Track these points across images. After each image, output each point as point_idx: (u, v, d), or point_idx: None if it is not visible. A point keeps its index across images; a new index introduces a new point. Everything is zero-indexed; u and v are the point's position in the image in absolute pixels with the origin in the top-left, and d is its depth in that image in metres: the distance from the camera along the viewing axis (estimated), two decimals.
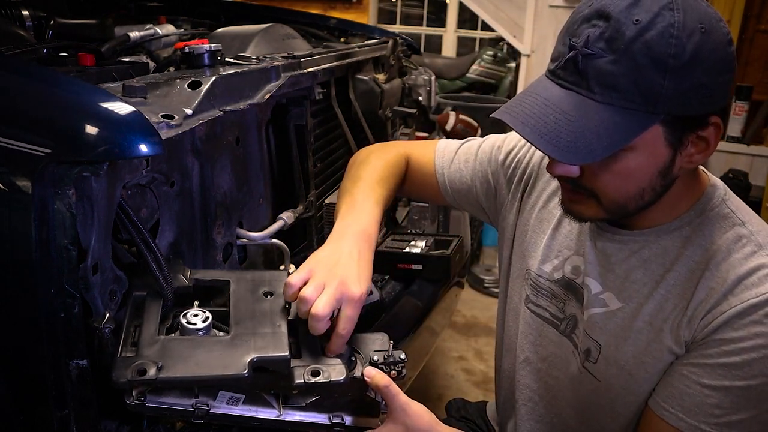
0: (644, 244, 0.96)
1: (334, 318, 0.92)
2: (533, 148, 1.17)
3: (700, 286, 0.90)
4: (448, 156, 1.26)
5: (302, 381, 0.87)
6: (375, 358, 0.94)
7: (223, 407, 0.87)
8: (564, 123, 0.82)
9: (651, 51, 0.78)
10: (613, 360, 0.98)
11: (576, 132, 0.81)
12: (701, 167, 0.99)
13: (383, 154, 1.26)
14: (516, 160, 1.19)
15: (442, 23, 6.07)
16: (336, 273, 0.94)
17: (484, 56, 5.29)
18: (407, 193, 1.35)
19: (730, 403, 0.87)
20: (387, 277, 1.66)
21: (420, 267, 1.61)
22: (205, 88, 1.01)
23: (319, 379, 0.87)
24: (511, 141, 1.22)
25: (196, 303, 0.96)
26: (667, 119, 0.81)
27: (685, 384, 0.90)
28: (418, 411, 0.91)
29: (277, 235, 1.33)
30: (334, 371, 0.88)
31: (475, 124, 3.65)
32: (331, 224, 1.53)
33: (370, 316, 1.42)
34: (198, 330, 0.88)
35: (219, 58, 1.20)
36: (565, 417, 1.11)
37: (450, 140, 1.30)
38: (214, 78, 1.04)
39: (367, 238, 1.03)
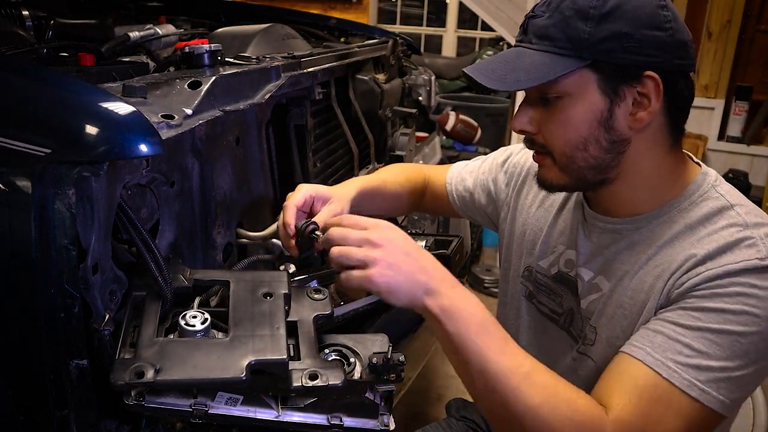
0: (634, 231, 0.99)
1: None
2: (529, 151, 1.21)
3: (678, 256, 0.91)
4: (457, 169, 1.38)
5: (300, 385, 0.86)
6: (374, 360, 0.94)
7: (221, 408, 0.87)
8: (502, 64, 0.94)
9: (576, 5, 0.89)
10: (605, 339, 1.00)
11: (509, 69, 0.92)
12: (696, 159, 1.02)
13: (405, 165, 1.45)
14: (513, 163, 1.26)
15: (442, 23, 6.07)
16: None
17: (484, 56, 5.29)
18: (425, 207, 1.46)
19: (701, 345, 0.85)
20: None
21: None
22: (205, 88, 1.01)
23: (317, 383, 0.87)
24: (510, 148, 1.31)
25: (197, 301, 0.96)
26: (597, 66, 0.89)
27: (659, 324, 0.89)
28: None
29: (277, 235, 1.33)
30: (332, 375, 0.88)
31: (475, 124, 3.65)
32: None
33: (371, 316, 1.42)
34: (196, 332, 0.88)
35: (219, 58, 1.19)
36: None
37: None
38: (214, 78, 1.04)
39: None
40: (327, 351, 0.98)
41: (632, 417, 0.84)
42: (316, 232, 1.04)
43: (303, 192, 1.11)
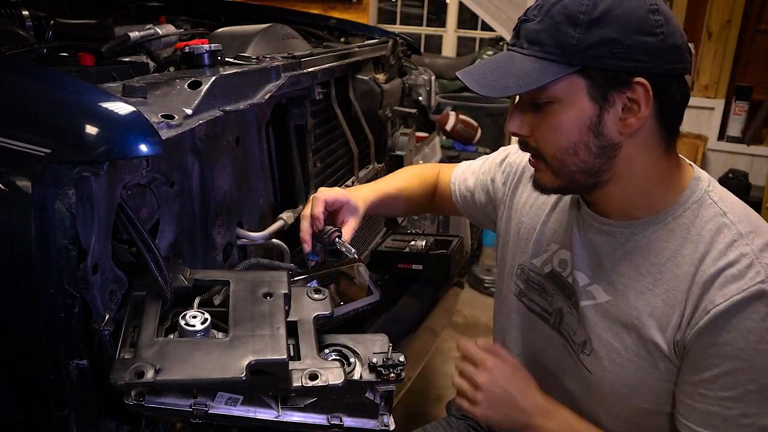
0: (630, 236, 0.98)
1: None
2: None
3: (684, 279, 0.91)
4: (461, 169, 1.41)
5: (300, 385, 0.87)
6: (374, 360, 0.94)
7: (221, 408, 0.87)
8: (494, 68, 0.95)
9: (566, 9, 0.89)
10: (604, 353, 1.00)
11: (500, 74, 0.93)
12: (689, 161, 1.02)
13: (423, 166, 1.54)
14: (510, 162, 1.28)
15: (442, 23, 6.06)
16: None
17: (484, 56, 5.28)
18: (434, 209, 1.50)
19: (754, 409, 0.88)
20: (387, 277, 1.66)
21: (420, 267, 1.61)
22: (205, 88, 1.01)
23: (317, 383, 0.87)
24: (508, 148, 1.32)
25: (197, 301, 0.96)
26: (586, 72, 0.89)
27: (707, 403, 0.91)
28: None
29: (277, 235, 1.33)
30: (332, 375, 0.88)
31: (475, 124, 3.65)
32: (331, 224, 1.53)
33: (370, 316, 1.43)
34: (196, 332, 0.88)
35: (219, 58, 1.19)
36: None
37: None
38: (214, 78, 1.04)
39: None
40: (327, 351, 0.98)
41: None
42: (340, 239, 1.08)
43: (335, 194, 1.22)
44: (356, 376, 0.94)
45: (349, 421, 0.94)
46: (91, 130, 0.80)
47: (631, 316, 0.96)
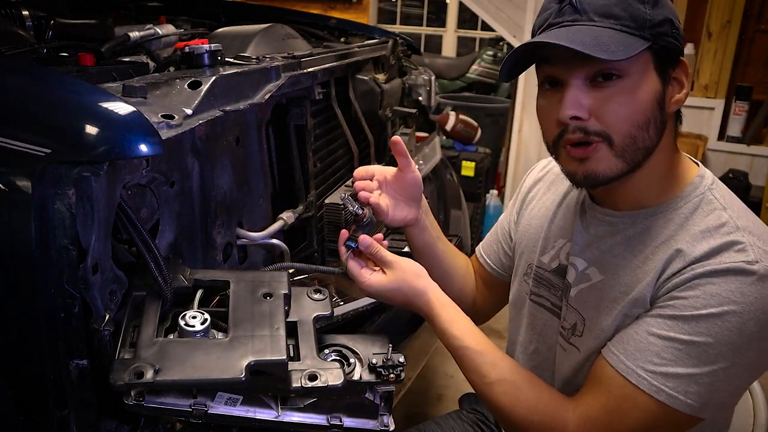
0: (630, 225, 1.00)
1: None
2: (528, 177, 1.28)
3: (677, 259, 0.92)
4: (483, 243, 1.37)
5: (299, 385, 0.87)
6: (373, 361, 0.94)
7: (221, 408, 0.87)
8: (581, 34, 0.89)
9: None
10: (594, 331, 1.01)
11: (593, 39, 0.88)
12: (694, 160, 1.04)
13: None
14: (522, 191, 1.29)
15: (442, 23, 6.06)
16: None
17: (484, 56, 5.29)
18: (482, 300, 1.37)
19: (670, 355, 0.89)
20: None
21: None
22: (205, 88, 1.01)
23: (317, 383, 0.87)
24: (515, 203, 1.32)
25: (197, 298, 0.96)
26: (654, 48, 0.91)
27: (635, 330, 0.93)
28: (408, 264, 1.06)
29: (277, 235, 1.33)
30: (332, 375, 0.88)
31: (475, 124, 3.64)
32: (331, 223, 1.54)
33: (371, 316, 1.43)
34: (196, 332, 0.88)
35: (219, 58, 1.20)
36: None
37: None
38: (214, 78, 1.04)
39: None
40: (327, 351, 0.98)
41: (598, 413, 0.93)
42: (350, 244, 1.06)
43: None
44: (356, 376, 0.94)
45: (348, 422, 0.94)
46: (91, 130, 0.80)
47: (621, 292, 0.98)
